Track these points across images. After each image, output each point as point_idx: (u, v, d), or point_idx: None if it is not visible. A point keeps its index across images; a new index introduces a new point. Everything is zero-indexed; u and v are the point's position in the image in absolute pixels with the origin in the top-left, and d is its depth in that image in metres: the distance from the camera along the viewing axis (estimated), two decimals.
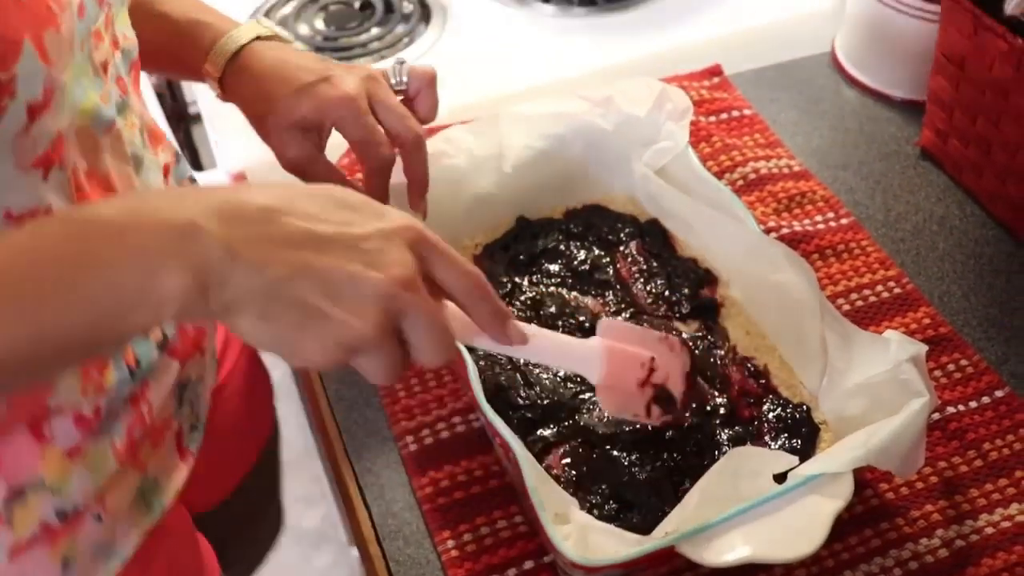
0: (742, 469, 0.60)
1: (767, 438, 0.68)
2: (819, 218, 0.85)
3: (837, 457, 0.59)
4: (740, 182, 0.88)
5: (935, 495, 0.68)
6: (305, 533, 1.79)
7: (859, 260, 0.82)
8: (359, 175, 0.71)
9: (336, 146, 0.70)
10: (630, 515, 0.64)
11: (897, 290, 0.80)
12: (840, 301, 0.79)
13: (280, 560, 1.73)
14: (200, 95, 1.04)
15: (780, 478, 0.61)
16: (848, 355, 0.66)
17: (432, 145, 0.77)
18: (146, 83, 1.18)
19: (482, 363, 0.71)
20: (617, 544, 0.57)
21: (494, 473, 0.69)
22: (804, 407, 0.69)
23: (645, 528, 0.62)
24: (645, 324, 0.75)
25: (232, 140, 0.94)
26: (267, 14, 1.10)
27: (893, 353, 0.63)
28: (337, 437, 0.73)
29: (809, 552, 0.56)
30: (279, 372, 1.98)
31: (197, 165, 1.26)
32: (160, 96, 1.20)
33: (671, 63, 0.99)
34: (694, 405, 0.68)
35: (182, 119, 1.36)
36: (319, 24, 1.10)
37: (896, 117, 0.95)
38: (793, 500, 0.58)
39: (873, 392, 0.64)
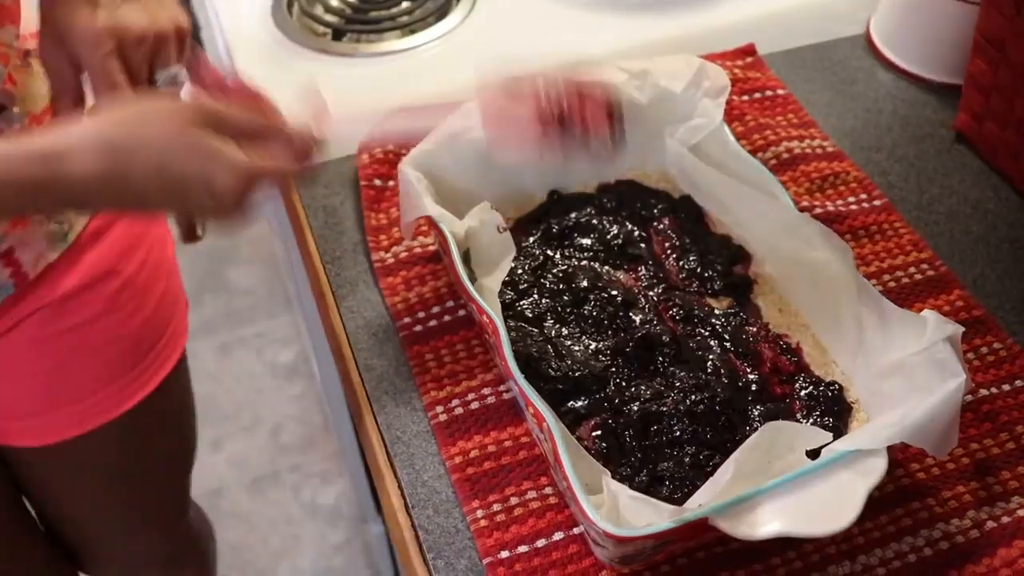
0: (776, 444, 0.60)
1: (799, 415, 0.68)
2: (852, 199, 0.85)
3: (872, 434, 0.59)
4: (773, 161, 0.87)
5: (967, 476, 0.67)
6: (321, 509, 1.79)
7: (892, 242, 0.82)
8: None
9: None
10: (660, 488, 0.64)
11: (930, 272, 0.79)
12: (872, 282, 0.78)
13: (296, 535, 1.75)
14: (227, 69, 1.04)
15: (813, 454, 0.61)
16: (884, 334, 0.66)
17: (452, 124, 0.76)
18: None
19: (513, 334, 0.71)
20: (651, 514, 0.56)
21: (524, 444, 0.69)
22: (837, 385, 0.69)
23: (675, 501, 0.62)
24: (677, 300, 0.74)
25: None
26: None
27: (929, 333, 0.62)
28: (367, 407, 0.73)
29: (842, 528, 0.56)
30: (293, 351, 2.00)
31: None
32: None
33: (704, 42, 0.98)
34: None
35: None
36: None
37: (931, 100, 0.94)
38: (827, 476, 0.58)
39: (908, 371, 0.63)
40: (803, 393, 0.69)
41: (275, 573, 1.70)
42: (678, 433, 0.66)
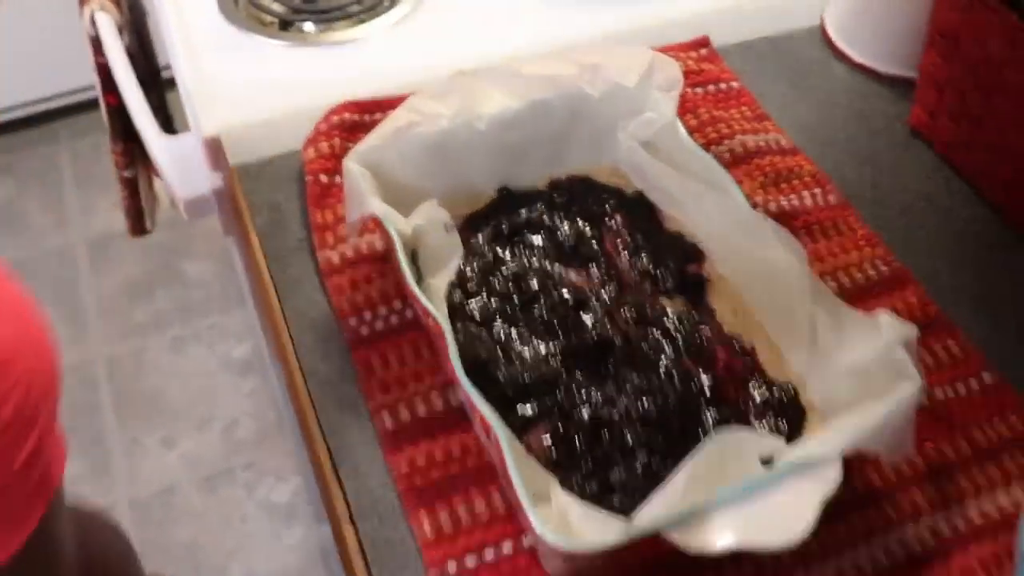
0: (727, 452, 0.58)
1: (752, 418, 0.67)
2: (806, 194, 0.83)
3: (826, 441, 0.58)
4: (727, 155, 0.86)
5: (922, 481, 0.66)
6: (275, 508, 1.76)
7: (846, 238, 0.80)
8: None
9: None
10: (611, 497, 0.62)
11: (884, 269, 0.78)
12: (827, 280, 0.77)
13: (249, 533, 1.72)
14: (174, 58, 1.00)
15: (767, 461, 0.59)
16: (838, 336, 0.64)
17: (397, 118, 0.74)
18: (119, 47, 1.15)
19: (461, 337, 0.69)
20: (601, 528, 0.55)
21: (472, 452, 0.67)
22: (791, 388, 0.68)
23: (627, 510, 0.60)
24: (629, 300, 0.73)
25: (207, 105, 0.91)
26: None
27: (885, 335, 0.61)
28: (311, 412, 0.71)
29: (796, 540, 0.54)
30: (247, 346, 1.96)
31: (170, 128, 1.22)
32: (132, 57, 1.16)
33: (657, 34, 0.97)
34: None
35: (155, 81, 1.32)
36: None
37: (886, 93, 0.93)
38: (780, 485, 0.57)
39: (863, 375, 0.62)
40: (757, 396, 0.68)
41: (228, 572, 1.67)
42: (630, 439, 0.65)
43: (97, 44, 1.16)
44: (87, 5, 1.15)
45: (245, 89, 0.93)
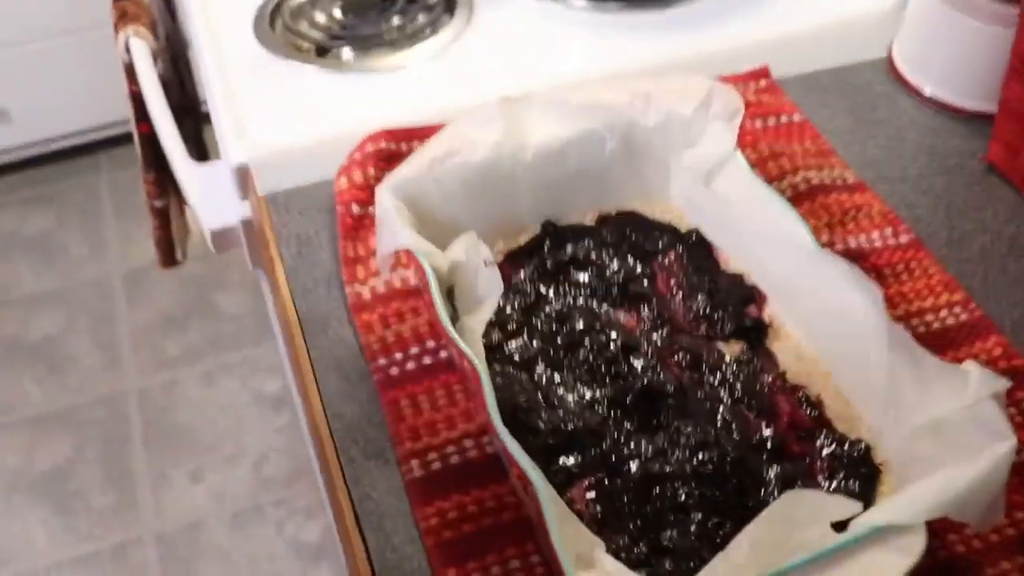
0: (797, 515, 0.52)
1: (820, 478, 0.60)
2: (876, 235, 0.77)
3: (908, 505, 0.51)
4: (789, 192, 0.80)
5: (1013, 549, 0.59)
6: (304, 546, 1.71)
7: (920, 282, 0.74)
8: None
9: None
10: (662, 561, 0.56)
11: (964, 316, 0.72)
12: (901, 326, 0.71)
13: (278, 572, 1.66)
14: (207, 83, 0.97)
15: (840, 526, 0.53)
16: (919, 388, 0.58)
17: (435, 146, 0.69)
18: (151, 74, 1.12)
19: (499, 380, 0.64)
20: None
21: (508, 505, 0.61)
22: (863, 444, 0.61)
23: None
24: (684, 344, 0.67)
25: (237, 131, 0.87)
26: (280, 1, 1.03)
27: (973, 388, 0.55)
28: (334, 460, 0.65)
29: None
30: (279, 381, 1.92)
31: (203, 156, 1.19)
32: (165, 85, 1.13)
33: (714, 64, 0.91)
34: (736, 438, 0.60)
35: (191, 113, 1.29)
36: (336, 12, 1.03)
37: (960, 128, 0.87)
38: (856, 554, 0.50)
39: (947, 432, 0.56)
40: (825, 452, 0.61)
41: None
42: (683, 497, 0.58)
43: (131, 71, 1.13)
44: (122, 31, 1.12)
45: (278, 116, 0.88)
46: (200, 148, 1.26)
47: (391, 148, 0.81)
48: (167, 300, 2.13)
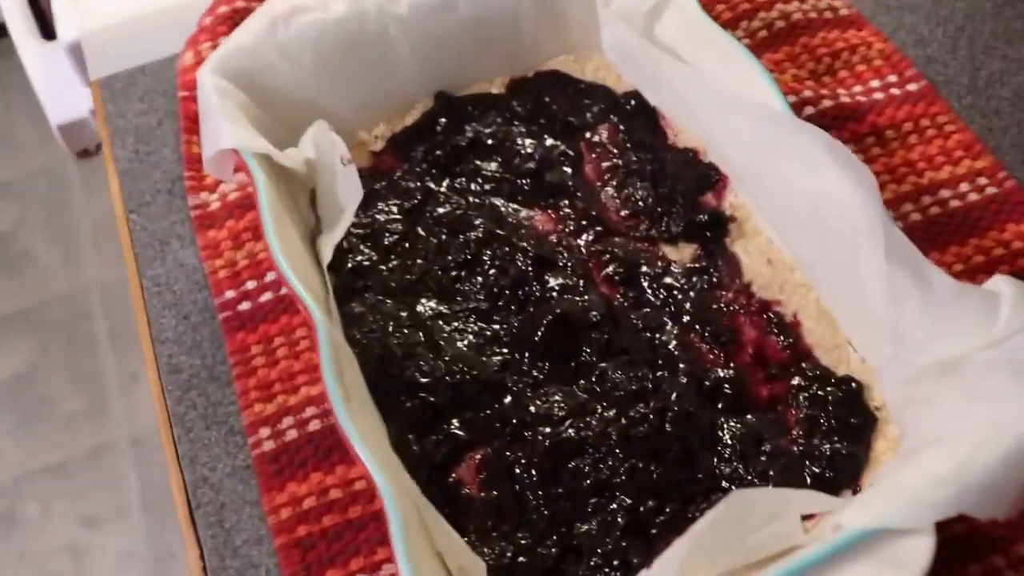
0: (749, 517, 0.37)
1: (796, 432, 0.44)
2: (875, 83, 0.59)
3: (909, 497, 0.35)
4: (763, 33, 0.62)
5: None
6: None
7: (933, 145, 0.57)
8: None
9: None
10: (576, 568, 0.41)
11: (991, 189, 0.55)
12: (907, 207, 0.54)
13: None
14: None
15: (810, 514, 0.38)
16: (928, 312, 0.41)
17: (273, 6, 0.52)
18: None
19: (370, 319, 0.48)
20: None
21: None
22: (853, 383, 0.45)
23: None
24: (616, 251, 0.50)
25: (69, 3, 0.69)
26: None
27: (1005, 316, 0.38)
28: (167, 429, 0.50)
29: None
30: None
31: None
32: None
33: None
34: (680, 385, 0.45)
35: None
36: None
37: None
38: (835, 570, 0.35)
39: (967, 373, 0.39)
40: (803, 396, 0.45)
41: None
42: (607, 473, 0.43)
43: None
44: None
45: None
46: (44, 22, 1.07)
47: (251, 7, 0.63)
48: None
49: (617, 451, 0.44)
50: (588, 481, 0.43)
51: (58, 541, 1.55)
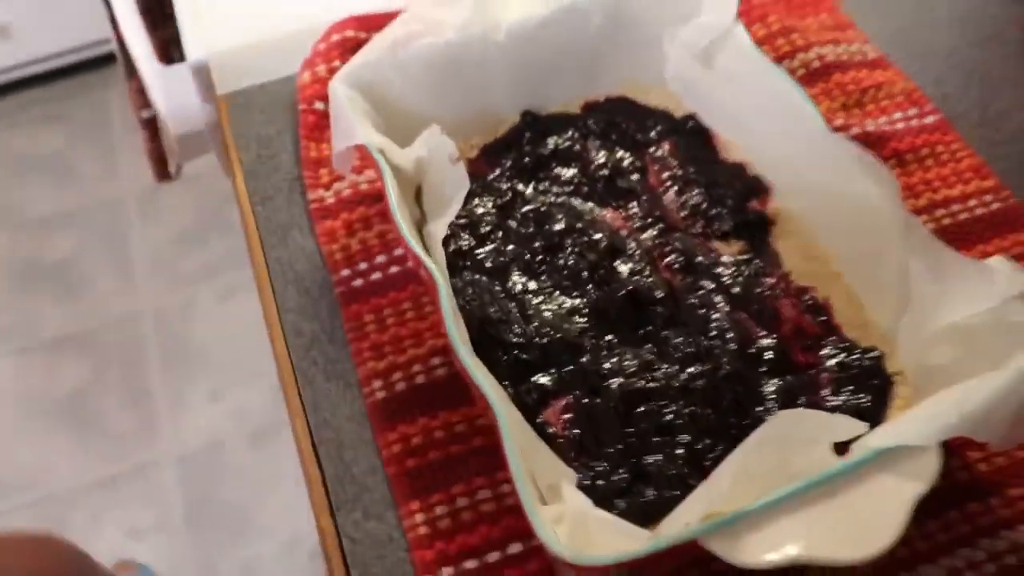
0: (792, 437, 0.45)
1: (826, 392, 0.53)
2: (898, 115, 0.69)
3: (920, 423, 0.44)
4: (801, 72, 0.71)
5: None
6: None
7: (947, 168, 0.66)
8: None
9: None
10: (645, 489, 0.50)
11: (996, 205, 0.64)
12: (923, 218, 0.63)
13: (298, 491, 1.64)
14: None
15: (842, 448, 0.46)
16: (938, 287, 0.50)
17: (394, 30, 0.62)
18: None
19: (469, 290, 0.57)
20: (620, 538, 0.43)
21: (480, 429, 0.55)
22: (876, 352, 0.54)
23: (663, 507, 0.48)
24: (676, 244, 0.60)
25: (197, 26, 0.80)
26: None
27: (1000, 286, 0.47)
28: (291, 382, 0.60)
29: (880, 551, 0.41)
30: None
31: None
32: None
33: None
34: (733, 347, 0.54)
35: (168, 15, 1.21)
36: None
37: None
38: (859, 481, 0.43)
39: (969, 337, 0.48)
40: (832, 362, 0.54)
41: (276, 532, 1.60)
42: (670, 416, 0.52)
43: None
44: None
45: (240, 10, 0.81)
46: (181, 53, 1.19)
47: (359, 37, 0.74)
48: (182, 217, 2.08)
49: (678, 400, 0.52)
50: (654, 423, 0.52)
51: (104, 549, 1.62)
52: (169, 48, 1.05)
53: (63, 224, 2.08)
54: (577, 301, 0.57)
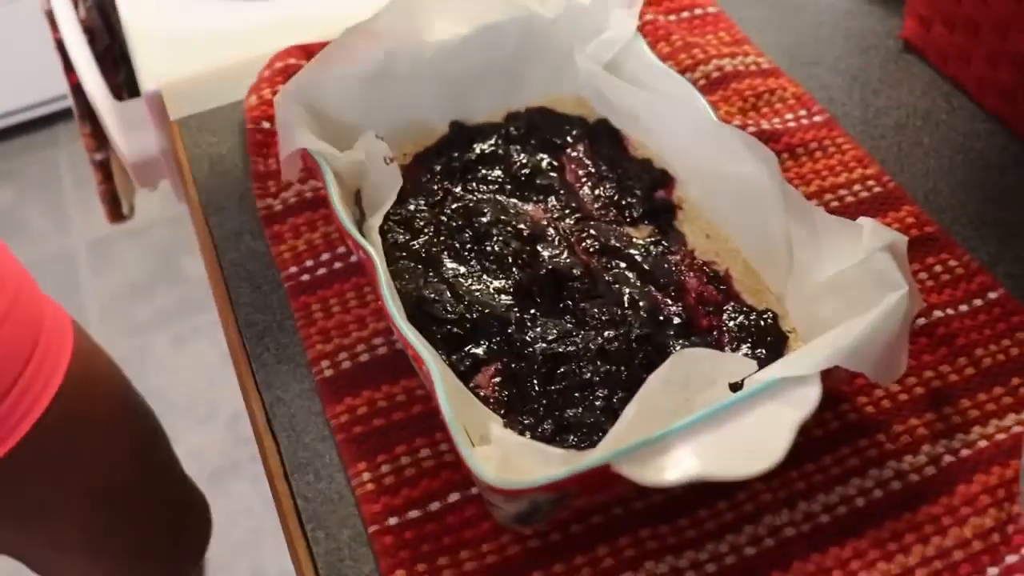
0: (691, 376, 0.52)
1: (728, 349, 0.60)
2: (789, 116, 0.77)
3: (801, 359, 0.51)
4: (703, 81, 0.79)
5: (921, 408, 0.59)
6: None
7: (834, 159, 0.74)
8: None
9: None
10: (566, 437, 0.56)
11: (877, 189, 0.71)
12: (814, 202, 0.70)
13: (256, 528, 1.67)
14: (124, 27, 0.95)
15: (737, 389, 0.53)
16: (815, 248, 0.57)
17: (330, 53, 0.68)
18: (71, 17, 1.10)
19: (406, 276, 0.63)
20: (540, 463, 0.48)
21: (419, 398, 0.61)
22: (770, 313, 0.61)
23: (582, 450, 0.54)
24: (592, 230, 0.66)
25: (149, 60, 0.86)
26: None
27: (866, 242, 0.54)
28: (246, 367, 0.65)
29: (768, 467, 0.48)
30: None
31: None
32: (90, 31, 1.12)
33: None
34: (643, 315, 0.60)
35: (123, 59, 1.27)
36: None
37: (876, 10, 0.86)
38: (749, 410, 0.50)
39: (845, 289, 0.55)
40: (732, 324, 0.61)
41: (235, 570, 1.63)
42: (588, 375, 0.58)
43: (52, 19, 1.12)
44: None
45: (189, 42, 0.87)
46: (134, 94, 1.24)
47: (300, 64, 0.80)
48: (132, 268, 2.12)
49: (595, 361, 0.59)
50: (574, 382, 0.58)
51: None
52: (122, 88, 1.10)
53: None
54: (503, 282, 0.63)
